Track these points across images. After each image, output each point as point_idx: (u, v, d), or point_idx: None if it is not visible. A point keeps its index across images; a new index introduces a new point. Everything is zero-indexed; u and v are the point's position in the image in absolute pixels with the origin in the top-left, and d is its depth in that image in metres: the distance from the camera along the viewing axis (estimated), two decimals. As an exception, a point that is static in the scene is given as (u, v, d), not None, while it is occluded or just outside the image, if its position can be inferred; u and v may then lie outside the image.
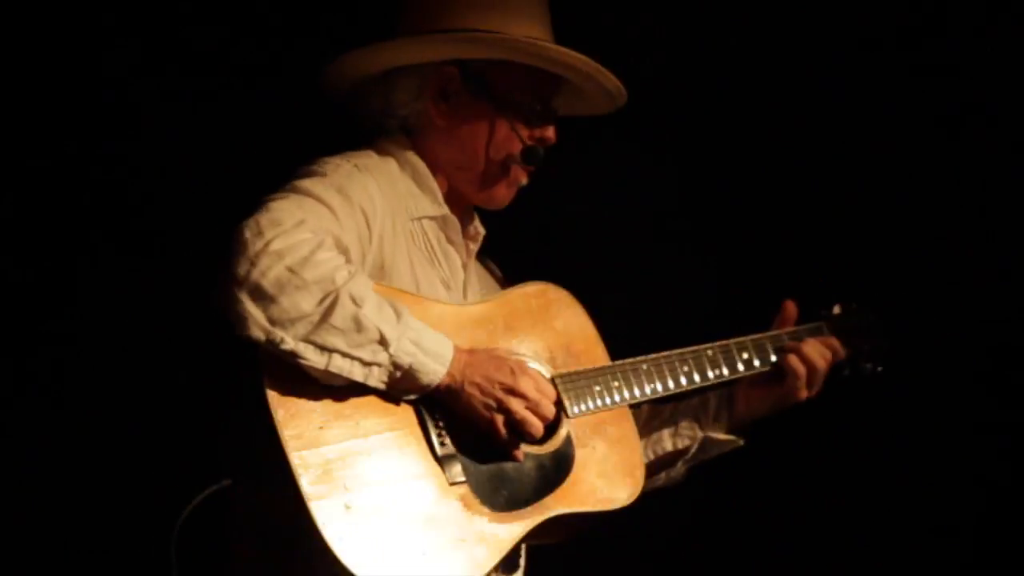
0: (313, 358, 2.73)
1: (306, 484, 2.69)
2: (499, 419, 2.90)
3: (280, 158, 3.05)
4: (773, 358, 3.40)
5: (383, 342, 2.77)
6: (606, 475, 3.06)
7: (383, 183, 3.06)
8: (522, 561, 3.12)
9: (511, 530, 2.88)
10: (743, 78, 4.11)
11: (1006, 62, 3.95)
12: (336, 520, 2.69)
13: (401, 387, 2.83)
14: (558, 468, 3.00)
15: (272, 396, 2.73)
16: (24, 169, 3.65)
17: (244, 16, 3.74)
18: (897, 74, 4.04)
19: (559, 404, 3.04)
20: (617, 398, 3.14)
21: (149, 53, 3.69)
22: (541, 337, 3.11)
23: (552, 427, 3.02)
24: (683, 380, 3.27)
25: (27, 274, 3.67)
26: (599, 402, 3.11)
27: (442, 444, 2.87)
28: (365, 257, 2.96)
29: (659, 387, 3.22)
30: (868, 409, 3.96)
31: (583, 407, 3.08)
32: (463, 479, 2.86)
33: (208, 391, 2.97)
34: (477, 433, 2.90)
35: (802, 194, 4.13)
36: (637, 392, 3.18)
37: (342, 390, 2.79)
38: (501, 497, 2.89)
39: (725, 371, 3.34)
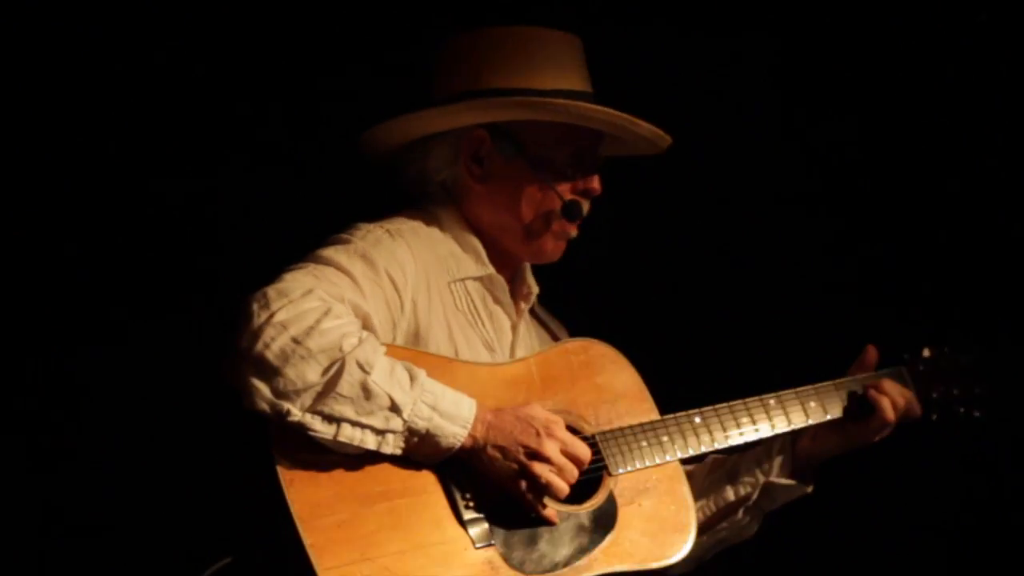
0: (321, 428, 2.70)
1: (321, 560, 2.65)
2: (522, 483, 2.83)
3: (325, 222, 3.06)
4: (845, 404, 3.26)
5: (395, 408, 2.73)
6: (651, 533, 2.96)
7: (419, 247, 3.04)
8: None
9: None
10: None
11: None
12: None
13: (421, 452, 2.78)
14: (598, 527, 2.92)
15: (283, 469, 2.70)
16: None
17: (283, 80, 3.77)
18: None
19: (600, 462, 2.96)
20: (667, 455, 3.04)
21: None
22: (581, 394, 3.04)
23: (594, 485, 2.95)
24: (742, 433, 3.15)
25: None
26: (646, 460, 3.01)
27: (467, 507, 2.81)
28: (396, 324, 2.95)
29: (714, 442, 3.11)
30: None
31: (628, 466, 2.99)
32: (490, 542, 2.80)
33: (220, 464, 2.97)
34: (505, 495, 2.84)
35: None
36: (690, 448, 3.08)
37: (360, 457, 2.76)
38: (532, 559, 2.82)
39: (791, 421, 3.20)
